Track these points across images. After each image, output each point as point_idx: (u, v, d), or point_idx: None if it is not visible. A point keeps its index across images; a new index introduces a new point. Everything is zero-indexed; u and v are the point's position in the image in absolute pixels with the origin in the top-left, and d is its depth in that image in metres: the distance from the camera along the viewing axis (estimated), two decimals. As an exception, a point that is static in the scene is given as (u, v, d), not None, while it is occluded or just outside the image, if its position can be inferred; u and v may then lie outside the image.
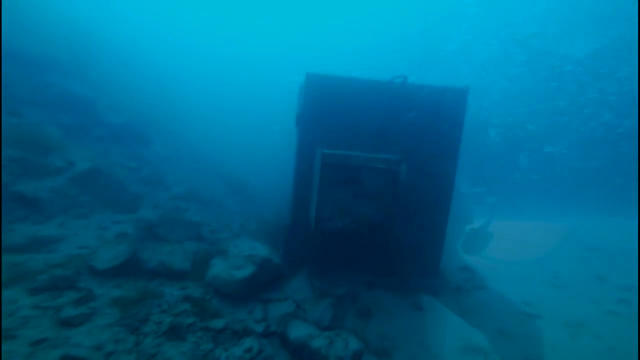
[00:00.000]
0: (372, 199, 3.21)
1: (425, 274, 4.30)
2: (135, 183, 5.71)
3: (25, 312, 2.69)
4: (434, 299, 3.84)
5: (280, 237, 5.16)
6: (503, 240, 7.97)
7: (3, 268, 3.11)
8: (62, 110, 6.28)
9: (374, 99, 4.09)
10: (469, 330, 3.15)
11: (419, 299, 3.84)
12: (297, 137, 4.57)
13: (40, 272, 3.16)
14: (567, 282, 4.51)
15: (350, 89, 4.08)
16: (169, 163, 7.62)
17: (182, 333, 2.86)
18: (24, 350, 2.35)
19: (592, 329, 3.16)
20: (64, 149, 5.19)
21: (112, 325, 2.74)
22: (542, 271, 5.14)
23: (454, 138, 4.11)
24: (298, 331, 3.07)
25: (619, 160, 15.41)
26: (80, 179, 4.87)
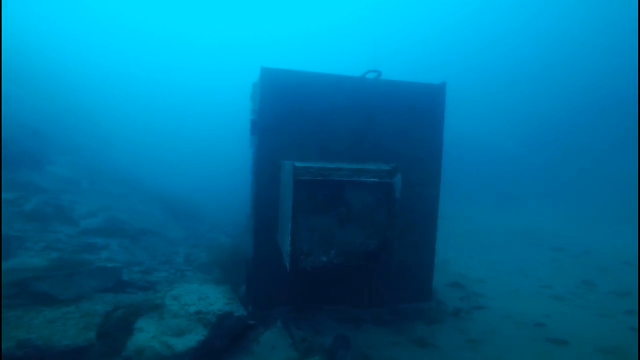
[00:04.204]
0: (362, 223, 2.47)
1: (418, 299, 3.73)
2: (11, 221, 3.99)
3: None
4: (434, 329, 3.25)
5: (240, 266, 4.12)
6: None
7: None
8: None
9: (344, 97, 3.43)
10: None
11: (418, 331, 3.21)
12: (253, 149, 3.64)
13: None
14: (559, 292, 4.34)
15: (315, 86, 3.36)
16: (79, 189, 5.81)
17: None
18: None
19: (632, 356, 2.66)
20: None
21: None
22: (526, 278, 4.98)
23: (434, 140, 3.68)
24: None
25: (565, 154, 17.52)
26: None
